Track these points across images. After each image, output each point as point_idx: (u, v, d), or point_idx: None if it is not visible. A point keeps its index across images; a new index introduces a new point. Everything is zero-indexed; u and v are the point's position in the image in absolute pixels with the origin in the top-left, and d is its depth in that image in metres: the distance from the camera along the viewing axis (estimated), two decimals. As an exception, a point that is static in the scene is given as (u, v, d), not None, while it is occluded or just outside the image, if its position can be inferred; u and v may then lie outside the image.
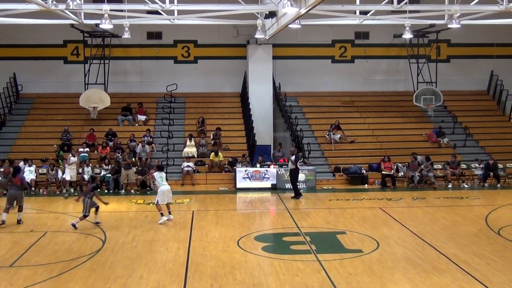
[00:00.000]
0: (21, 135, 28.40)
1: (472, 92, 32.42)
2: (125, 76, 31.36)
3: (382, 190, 24.36)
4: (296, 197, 22.25)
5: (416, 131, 29.38)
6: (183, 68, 31.47)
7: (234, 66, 31.44)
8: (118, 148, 25.81)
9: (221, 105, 31.03)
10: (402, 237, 16.16)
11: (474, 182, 25.58)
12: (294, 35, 30.19)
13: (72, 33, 28.26)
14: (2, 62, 30.60)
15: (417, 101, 29.70)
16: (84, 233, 16.72)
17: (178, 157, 26.87)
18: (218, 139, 27.63)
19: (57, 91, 30.80)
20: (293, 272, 12.92)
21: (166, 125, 28.90)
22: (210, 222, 18.17)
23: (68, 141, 27.17)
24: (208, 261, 13.82)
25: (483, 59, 32.40)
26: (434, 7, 23.06)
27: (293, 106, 30.37)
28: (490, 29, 30.19)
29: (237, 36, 31.06)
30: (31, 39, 30.28)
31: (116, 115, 29.32)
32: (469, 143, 28.75)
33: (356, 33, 31.81)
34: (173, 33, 30.81)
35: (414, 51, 30.89)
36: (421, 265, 13.45)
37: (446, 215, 19.10)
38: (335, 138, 28.09)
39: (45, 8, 18.80)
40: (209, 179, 25.77)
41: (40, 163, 25.29)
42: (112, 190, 23.91)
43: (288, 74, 31.46)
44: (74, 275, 12.84)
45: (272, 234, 17.37)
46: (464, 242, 15.54)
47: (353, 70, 32.14)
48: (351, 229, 17.06)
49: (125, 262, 13.81)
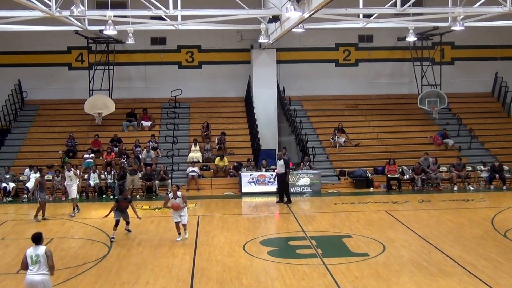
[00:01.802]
0: (27, 141, 28.47)
1: (476, 94, 32.36)
2: (130, 82, 31.42)
3: (388, 193, 24.32)
4: (281, 201, 22.30)
5: (421, 133, 29.32)
6: (187, 73, 31.51)
7: (238, 71, 31.47)
8: (123, 154, 25.85)
9: (226, 109, 31.05)
10: (408, 240, 16.13)
11: (480, 184, 25.51)
12: (297, 39, 30.20)
13: (76, 39, 28.35)
14: (7, 69, 30.70)
15: (421, 104, 29.66)
16: (90, 239, 16.75)
17: (183, 162, 26.89)
18: (223, 144, 27.64)
19: (62, 98, 30.87)
20: (299, 276, 12.91)
21: (171, 130, 28.95)
22: (215, 227, 18.17)
23: (73, 147, 27.24)
24: (214, 266, 13.83)
25: (487, 61, 32.33)
26: (438, 9, 23.03)
27: (298, 110, 30.36)
28: (494, 31, 30.12)
29: (241, 40, 31.10)
30: (35, 46, 30.39)
31: (120, 121, 29.37)
32: (474, 145, 28.68)
33: (359, 36, 31.79)
34: (177, 39, 30.86)
35: (418, 54, 30.84)
36: (428, 268, 13.43)
37: (452, 218, 19.06)
38: (339, 141, 28.07)
39: (49, 15, 18.86)
40: (214, 184, 25.79)
41: (46, 170, 25.32)
42: (117, 195, 23.91)
43: (292, 78, 31.45)
44: (80, 281, 12.87)
45: (278, 239, 17.35)
46: (471, 244, 15.50)
47: (357, 74, 32.12)
48: (357, 233, 17.04)
49: (131, 268, 13.83)
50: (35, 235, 10.46)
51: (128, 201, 17.44)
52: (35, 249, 10.23)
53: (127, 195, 17.89)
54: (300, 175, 24.82)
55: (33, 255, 10.17)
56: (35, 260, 10.15)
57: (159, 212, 20.58)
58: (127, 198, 17.60)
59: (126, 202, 17.36)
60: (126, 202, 17.36)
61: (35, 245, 10.29)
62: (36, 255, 10.17)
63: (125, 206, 17.31)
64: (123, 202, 17.33)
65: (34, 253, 10.18)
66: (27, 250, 10.21)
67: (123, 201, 17.32)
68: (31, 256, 10.16)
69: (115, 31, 20.51)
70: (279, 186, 22.81)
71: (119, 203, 17.24)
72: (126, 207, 17.32)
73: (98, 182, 24.19)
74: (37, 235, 10.45)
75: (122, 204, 17.30)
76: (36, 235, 10.46)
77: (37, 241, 10.37)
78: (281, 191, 22.59)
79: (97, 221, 19.21)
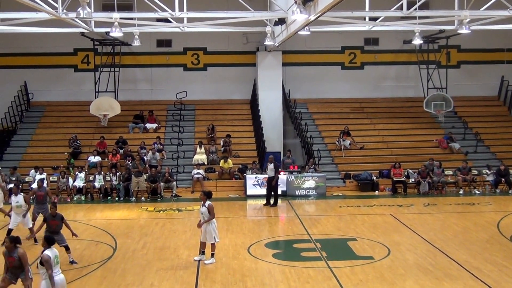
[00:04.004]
0: (32, 143, 28.54)
1: (482, 98, 32.25)
2: (135, 84, 31.47)
3: (393, 197, 24.27)
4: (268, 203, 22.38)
5: (427, 137, 29.25)
6: (193, 76, 31.53)
7: (243, 73, 31.47)
8: (129, 156, 25.87)
9: (231, 112, 31.06)
10: (413, 243, 16.09)
11: (486, 188, 25.44)
12: (303, 41, 30.18)
13: (82, 41, 28.44)
14: (13, 71, 30.80)
15: (427, 107, 29.59)
16: (95, 240, 16.77)
17: (188, 164, 26.89)
18: (228, 146, 27.64)
19: (67, 99, 30.94)
20: (304, 279, 12.89)
21: (176, 132, 28.96)
22: (220, 229, 18.02)
23: (78, 148, 27.29)
24: (219, 268, 13.82)
25: (493, 65, 32.26)
26: (444, 12, 22.96)
27: (303, 113, 30.34)
28: (500, 35, 30.07)
29: (247, 43, 31.11)
30: (41, 47, 30.50)
31: (126, 123, 29.40)
32: (480, 149, 28.60)
33: (365, 39, 31.77)
34: (182, 41, 30.90)
35: (424, 57, 30.79)
36: (433, 271, 13.39)
37: (457, 222, 19.01)
38: (345, 144, 28.04)
39: (56, 17, 18.91)
40: (219, 186, 25.77)
41: (51, 171, 25.39)
42: (122, 197, 23.98)
43: (297, 81, 31.45)
44: (85, 282, 12.89)
45: (283, 241, 17.33)
46: (476, 248, 15.45)
47: (363, 76, 32.08)
48: (362, 236, 17.00)
49: (136, 269, 13.84)
50: (50, 237, 10.81)
51: (60, 219, 14.27)
52: (52, 251, 10.35)
53: (55, 212, 14.30)
54: (305, 178, 24.80)
55: (54, 256, 10.33)
56: (56, 261, 10.37)
57: (163, 214, 20.59)
58: (57, 216, 14.29)
59: (57, 221, 14.20)
60: (57, 221, 14.20)
61: (50, 247, 10.42)
62: (55, 256, 10.37)
63: (56, 226, 14.14)
64: (52, 221, 14.16)
65: (53, 255, 10.32)
66: (48, 253, 10.20)
67: (52, 220, 14.20)
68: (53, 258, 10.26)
69: (121, 33, 20.53)
70: (268, 189, 22.81)
71: (47, 222, 14.19)
72: (57, 226, 14.17)
73: (103, 183, 24.22)
74: (52, 238, 10.84)
75: (51, 223, 14.12)
76: (51, 237, 10.83)
77: (53, 243, 10.64)
78: (269, 194, 22.60)
79: (102, 223, 19.25)
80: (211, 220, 14.17)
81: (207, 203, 14.27)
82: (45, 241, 10.53)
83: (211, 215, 14.14)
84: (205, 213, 14.20)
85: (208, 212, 14.14)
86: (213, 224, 14.24)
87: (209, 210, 14.15)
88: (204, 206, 14.25)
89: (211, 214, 14.13)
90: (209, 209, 14.16)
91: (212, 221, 14.21)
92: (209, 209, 14.16)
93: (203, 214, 14.27)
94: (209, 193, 14.71)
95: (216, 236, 14.28)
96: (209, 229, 14.18)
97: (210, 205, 14.21)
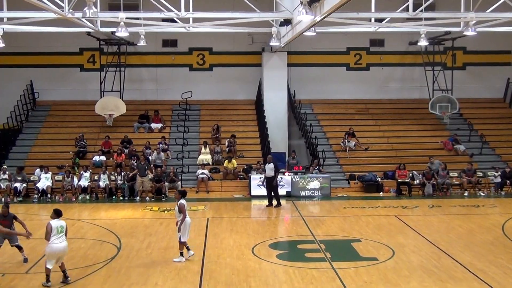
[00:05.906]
0: (38, 142, 28.60)
1: (488, 100, 32.21)
2: (141, 84, 31.52)
3: (398, 198, 24.24)
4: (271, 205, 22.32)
5: (432, 138, 29.21)
6: (198, 76, 31.56)
7: (249, 74, 31.49)
8: (134, 155, 25.91)
9: (236, 112, 31.07)
10: (417, 245, 16.07)
11: (491, 190, 25.38)
12: (309, 42, 30.16)
13: (88, 41, 28.50)
14: (19, 70, 30.88)
15: (432, 109, 29.54)
16: (100, 240, 16.79)
17: (193, 164, 26.92)
18: (233, 147, 27.65)
19: (73, 99, 31.00)
20: (307, 280, 12.88)
21: (181, 132, 28.98)
22: (224, 229, 18.17)
23: (83, 148, 27.34)
24: (223, 268, 13.82)
25: (499, 67, 32.19)
26: (450, 14, 22.94)
27: (308, 114, 30.35)
28: (506, 37, 29.97)
29: (252, 43, 31.12)
30: (47, 47, 30.55)
31: (131, 122, 29.45)
32: (485, 151, 28.54)
33: (371, 40, 31.76)
34: (188, 41, 30.94)
35: (429, 59, 30.72)
36: (437, 273, 13.36)
37: (462, 223, 18.97)
38: (350, 145, 28.03)
39: (62, 16, 18.96)
40: (223, 186, 25.79)
41: (56, 170, 25.44)
42: (127, 197, 24.01)
43: (303, 82, 31.43)
44: (90, 281, 12.91)
45: (287, 242, 17.34)
46: (481, 250, 15.42)
47: (368, 78, 32.06)
48: (366, 237, 16.99)
49: (140, 269, 13.85)
50: (58, 209, 12.62)
51: (11, 219, 13.90)
52: (59, 221, 12.35)
53: (7, 211, 13.93)
54: (310, 179, 24.78)
55: (58, 226, 12.27)
56: (60, 230, 12.26)
57: (168, 214, 20.61)
58: (9, 215, 13.94)
59: (7, 221, 13.78)
60: (7, 221, 13.78)
61: (58, 218, 12.39)
62: (61, 226, 12.32)
63: (5, 226, 13.67)
64: (3, 221, 13.69)
65: (59, 224, 12.30)
66: (52, 222, 12.25)
67: (2, 220, 13.74)
68: (57, 227, 12.22)
69: (127, 33, 20.57)
70: (268, 189, 22.79)
71: None
72: (7, 226, 13.72)
73: (108, 183, 24.25)
74: (59, 210, 12.65)
75: (1, 223, 13.62)
76: (59, 209, 12.65)
77: (60, 215, 12.56)
78: (270, 195, 22.57)
79: (107, 222, 19.29)
80: (186, 219, 14.28)
81: (179, 202, 14.36)
82: (53, 212, 12.45)
83: (183, 214, 14.22)
84: (176, 212, 14.38)
85: (180, 211, 14.24)
86: (185, 223, 14.29)
87: (180, 209, 14.23)
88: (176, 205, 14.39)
89: (182, 213, 14.22)
90: (179, 208, 14.24)
91: (185, 220, 14.29)
92: (179, 208, 14.24)
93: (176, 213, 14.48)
94: (184, 192, 14.88)
95: (183, 236, 14.30)
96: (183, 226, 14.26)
97: (181, 204, 14.26)
